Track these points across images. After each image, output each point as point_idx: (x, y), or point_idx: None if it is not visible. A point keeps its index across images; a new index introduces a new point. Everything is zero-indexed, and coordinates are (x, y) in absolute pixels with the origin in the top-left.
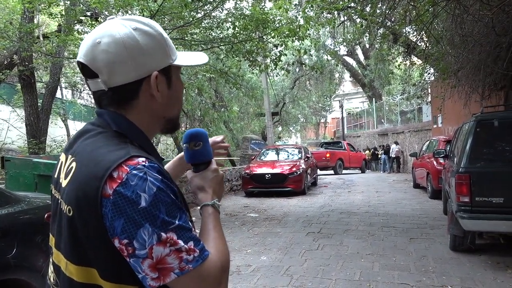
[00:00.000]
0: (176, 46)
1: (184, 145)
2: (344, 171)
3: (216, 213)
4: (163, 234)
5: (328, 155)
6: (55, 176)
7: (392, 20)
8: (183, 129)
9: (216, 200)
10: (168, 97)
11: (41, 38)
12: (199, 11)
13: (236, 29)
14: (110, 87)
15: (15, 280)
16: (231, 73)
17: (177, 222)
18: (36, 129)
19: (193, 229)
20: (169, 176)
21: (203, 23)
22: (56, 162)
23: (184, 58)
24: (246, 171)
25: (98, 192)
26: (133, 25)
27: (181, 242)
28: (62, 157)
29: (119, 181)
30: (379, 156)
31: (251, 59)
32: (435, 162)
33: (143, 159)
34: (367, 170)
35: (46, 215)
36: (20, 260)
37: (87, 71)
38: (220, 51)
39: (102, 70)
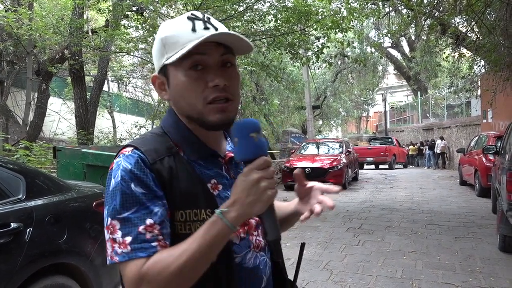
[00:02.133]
0: None
1: (255, 134)
2: (381, 166)
3: (215, 224)
4: (110, 220)
5: (386, 150)
6: None
7: (441, 10)
8: None
9: (227, 208)
10: (171, 96)
11: (90, 33)
12: (241, 4)
13: (278, 21)
14: None
15: (65, 264)
16: (272, 66)
17: (126, 214)
18: (85, 121)
19: (150, 222)
20: (155, 164)
21: (245, 16)
22: (104, 152)
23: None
24: (286, 165)
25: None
26: None
27: (119, 233)
28: None
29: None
30: (424, 151)
31: (292, 52)
32: (484, 159)
33: (130, 148)
34: (410, 166)
35: (94, 203)
36: (71, 246)
37: None
38: (262, 44)
39: None
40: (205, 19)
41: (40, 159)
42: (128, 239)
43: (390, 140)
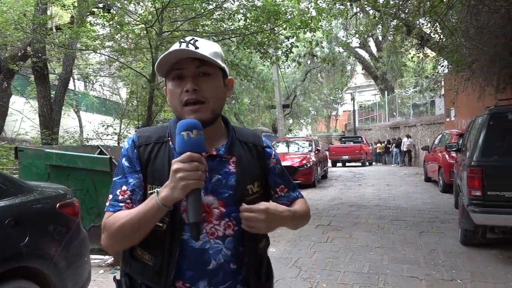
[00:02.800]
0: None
1: (186, 133)
2: (348, 164)
3: (151, 199)
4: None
5: (360, 149)
6: None
7: (406, 11)
8: None
9: (160, 189)
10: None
11: (54, 30)
12: (210, 2)
13: (248, 20)
14: None
15: (28, 268)
16: (242, 65)
17: (115, 178)
18: (49, 120)
19: (124, 188)
20: (141, 146)
21: (214, 14)
22: (68, 152)
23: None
24: None
25: None
26: None
27: (111, 192)
28: None
29: None
30: (390, 149)
31: (262, 51)
32: (447, 156)
33: (134, 133)
34: (378, 164)
35: (58, 204)
36: (33, 249)
37: None
38: (231, 43)
39: None
40: (191, 41)
41: (1, 159)
42: (110, 196)
43: (360, 139)
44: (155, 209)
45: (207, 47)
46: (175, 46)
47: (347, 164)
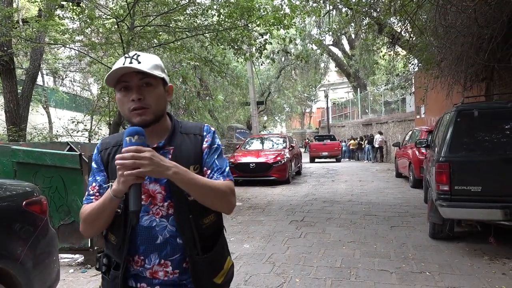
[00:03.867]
0: (161, 33)
1: (129, 138)
2: (323, 160)
3: (107, 192)
4: None
5: (339, 146)
6: None
7: (377, 10)
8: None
9: (113, 182)
10: None
11: (21, 23)
12: None
13: (221, 16)
14: None
15: None
16: (216, 61)
17: (89, 178)
18: (16, 116)
19: (94, 184)
20: (102, 151)
21: (187, 10)
22: (36, 149)
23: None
24: (231, 160)
25: None
26: None
27: (86, 189)
28: None
29: None
30: (363, 146)
31: (236, 47)
32: (417, 152)
33: (100, 141)
34: (352, 160)
35: (24, 202)
36: None
37: None
38: (204, 38)
39: None
40: (134, 57)
41: None
42: (86, 192)
43: (332, 137)
44: (109, 199)
45: (148, 61)
46: (120, 63)
47: (323, 160)
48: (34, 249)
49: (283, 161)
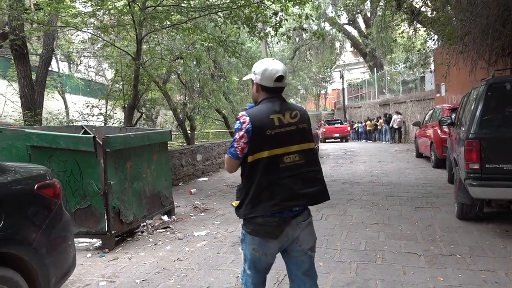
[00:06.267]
0: (173, 13)
1: None
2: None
3: None
4: None
5: (349, 128)
6: (274, 123)
7: None
8: (179, 99)
9: None
10: None
11: (32, 8)
12: None
13: None
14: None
15: (4, 254)
16: (230, 42)
17: None
18: (31, 101)
19: None
20: None
21: None
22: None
23: None
24: None
25: (308, 115)
26: None
27: None
28: (275, 115)
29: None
30: (378, 126)
31: (250, 26)
32: (439, 131)
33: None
34: (369, 141)
35: (36, 185)
36: (9, 233)
37: (281, 78)
38: (218, 18)
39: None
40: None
41: None
42: None
43: (339, 121)
44: None
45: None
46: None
47: (334, 140)
48: (48, 234)
49: None
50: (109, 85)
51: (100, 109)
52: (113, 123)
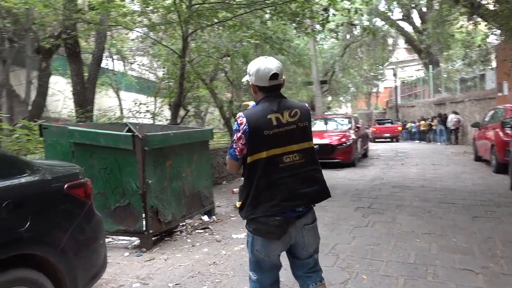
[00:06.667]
0: (217, 9)
1: None
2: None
3: None
4: None
5: (400, 128)
6: (272, 123)
7: None
8: (228, 97)
9: None
10: None
11: (86, 8)
12: None
13: None
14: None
15: (30, 255)
16: (276, 38)
17: None
18: (83, 98)
19: None
20: None
21: None
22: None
23: None
24: None
25: (309, 112)
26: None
27: None
28: (273, 115)
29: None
30: (433, 127)
31: (297, 21)
32: (501, 133)
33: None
34: (422, 142)
35: (66, 185)
36: (35, 234)
37: (275, 76)
38: (264, 14)
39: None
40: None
41: (39, 138)
42: None
43: (389, 120)
44: None
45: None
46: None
47: (384, 140)
48: (77, 235)
49: (348, 143)
50: (158, 82)
51: (147, 106)
52: (159, 121)
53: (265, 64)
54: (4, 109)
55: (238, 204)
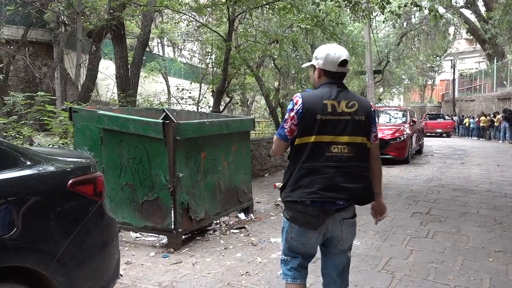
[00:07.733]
0: None
1: None
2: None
3: None
4: None
5: (452, 124)
6: (327, 109)
7: None
8: (275, 85)
9: None
10: None
11: None
12: None
13: None
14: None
15: (16, 268)
16: (328, 22)
17: None
18: (126, 82)
19: None
20: None
21: None
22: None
23: None
24: None
25: (371, 109)
26: None
27: None
28: (329, 101)
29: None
30: (495, 123)
31: (352, 2)
32: None
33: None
34: (482, 139)
35: (70, 181)
36: (25, 242)
37: (345, 63)
38: None
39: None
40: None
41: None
42: None
43: (441, 115)
44: None
45: None
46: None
47: (434, 135)
48: (80, 242)
49: (402, 138)
50: (205, 68)
51: (190, 92)
52: (202, 108)
53: (335, 50)
54: (58, 91)
55: (279, 185)
